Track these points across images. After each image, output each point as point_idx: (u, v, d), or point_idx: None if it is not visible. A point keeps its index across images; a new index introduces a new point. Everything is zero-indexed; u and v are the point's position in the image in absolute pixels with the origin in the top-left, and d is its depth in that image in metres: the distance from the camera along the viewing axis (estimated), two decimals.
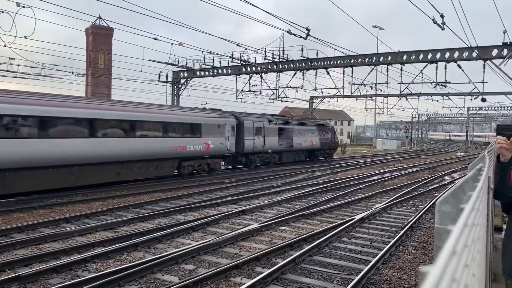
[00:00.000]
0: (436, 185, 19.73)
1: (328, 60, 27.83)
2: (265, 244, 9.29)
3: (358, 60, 26.86)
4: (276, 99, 33.82)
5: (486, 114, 72.20)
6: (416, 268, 7.94)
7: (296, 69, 29.05)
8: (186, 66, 30.91)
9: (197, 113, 22.36)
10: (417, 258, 8.59)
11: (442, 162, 35.58)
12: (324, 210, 13.19)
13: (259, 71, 30.26)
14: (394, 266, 7.99)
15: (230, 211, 12.59)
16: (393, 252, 8.89)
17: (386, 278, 7.34)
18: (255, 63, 28.88)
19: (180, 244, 9.17)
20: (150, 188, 17.45)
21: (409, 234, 10.48)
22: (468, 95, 32.41)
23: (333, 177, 22.92)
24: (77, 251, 8.42)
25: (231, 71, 31.08)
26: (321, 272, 7.53)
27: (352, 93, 33.28)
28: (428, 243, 9.66)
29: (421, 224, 11.72)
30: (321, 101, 41.19)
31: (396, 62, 25.80)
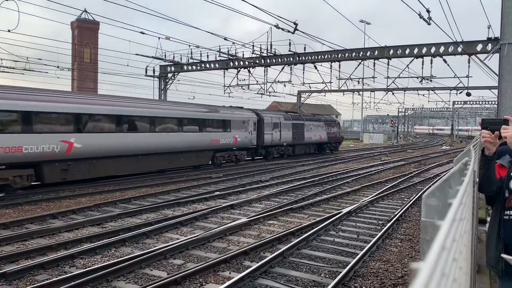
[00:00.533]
0: (422, 179, 19.98)
1: (316, 54, 27.90)
2: (254, 238, 9.33)
3: (346, 55, 26.97)
4: (264, 93, 33.86)
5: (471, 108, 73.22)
6: (403, 260, 8.06)
7: (284, 63, 29.06)
8: (173, 61, 30.72)
9: (227, 111, 25.63)
10: (404, 250, 8.71)
11: (427, 156, 36.00)
12: (312, 204, 13.28)
13: (247, 66, 30.21)
14: (381, 259, 8.09)
15: (218, 205, 12.60)
16: (379, 245, 9.00)
17: (373, 270, 7.43)
18: (242, 58, 28.82)
19: (169, 239, 9.16)
20: (137, 183, 17.36)
21: (395, 227, 10.62)
22: (453, 89, 32.81)
23: (320, 171, 23.06)
24: (64, 247, 8.36)
25: (218, 65, 30.97)
26: (309, 265, 7.60)
27: (340, 88, 33.47)
28: (414, 236, 9.80)
29: (407, 217, 11.87)
30: (309, 96, 41.33)
31: (383, 56, 25.98)
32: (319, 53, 27.75)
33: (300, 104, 41.55)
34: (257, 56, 27.85)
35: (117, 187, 16.13)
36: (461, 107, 68.41)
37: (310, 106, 58.75)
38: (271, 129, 28.48)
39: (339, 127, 40.21)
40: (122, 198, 13.77)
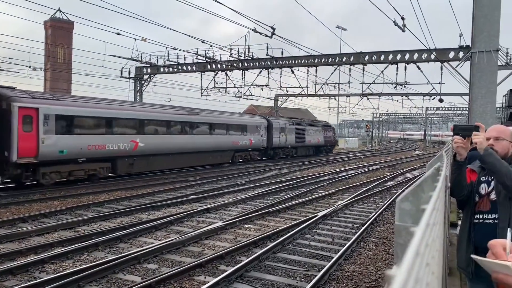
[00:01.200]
0: (395, 183, 20.33)
1: (293, 59, 28.10)
2: (229, 242, 9.29)
3: (322, 60, 27.26)
4: (241, 97, 33.85)
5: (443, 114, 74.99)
6: (377, 263, 8.16)
7: (261, 67, 29.15)
8: (149, 62, 30.38)
9: (244, 117, 30.68)
10: (378, 253, 8.83)
11: (401, 160, 36.68)
12: (288, 208, 13.33)
13: (224, 69, 30.16)
14: (355, 262, 8.18)
15: (194, 209, 12.50)
16: (354, 248, 9.10)
17: (348, 273, 7.50)
18: (220, 61, 28.77)
19: (143, 243, 9.03)
20: (111, 186, 17.07)
21: (369, 230, 10.76)
22: (426, 95, 33.57)
23: (296, 174, 23.19)
24: (34, 251, 8.13)
25: (195, 68, 30.82)
26: (284, 269, 7.61)
27: (316, 92, 33.74)
28: (388, 239, 9.95)
29: (381, 220, 12.04)
30: (286, 100, 41.56)
31: (358, 62, 26.36)
32: (296, 58, 27.96)
33: (277, 108, 41.72)
34: (234, 59, 27.84)
35: (90, 190, 15.81)
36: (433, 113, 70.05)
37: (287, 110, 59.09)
38: (278, 133, 32.63)
39: (334, 131, 45.15)
40: (96, 202, 13.51)
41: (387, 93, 36.17)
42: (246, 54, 27.02)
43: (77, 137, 16.62)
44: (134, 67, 31.99)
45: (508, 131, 3.44)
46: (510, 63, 19.19)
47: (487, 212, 3.30)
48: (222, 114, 27.57)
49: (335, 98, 43.83)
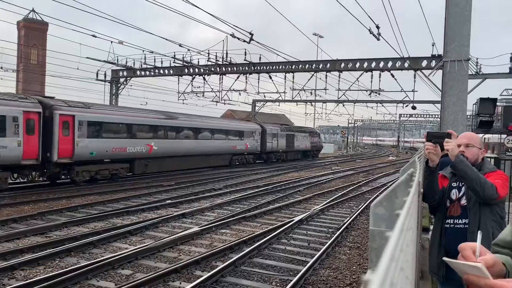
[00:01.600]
0: (370, 188, 20.64)
1: (271, 65, 28.24)
2: (205, 248, 9.24)
3: (299, 66, 27.49)
4: (219, 101, 33.77)
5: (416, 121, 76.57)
6: (351, 268, 8.26)
7: (239, 72, 29.17)
8: (126, 65, 30.01)
9: (241, 123, 33.13)
10: (352, 258, 8.94)
11: (375, 166, 37.26)
12: (264, 212, 13.35)
13: (202, 73, 30.05)
14: (330, 266, 8.25)
15: (169, 214, 12.38)
16: (329, 252, 9.18)
17: (323, 278, 7.56)
18: (198, 65, 28.66)
19: (117, 249, 8.88)
20: (85, 190, 16.74)
21: (344, 235, 10.88)
22: (400, 102, 34.26)
23: (273, 179, 23.26)
24: (4, 257, 7.88)
25: (173, 71, 30.60)
26: (260, 274, 7.61)
27: (293, 98, 33.99)
28: (362, 244, 10.08)
29: (355, 225, 12.20)
30: (263, 105, 41.70)
31: (334, 69, 26.69)
32: (273, 64, 28.11)
33: (254, 113, 41.81)
34: (212, 64, 27.80)
35: (63, 195, 15.47)
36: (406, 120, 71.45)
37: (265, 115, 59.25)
38: (271, 138, 35.36)
39: (319, 137, 48.73)
40: (69, 206, 13.23)
41: (362, 100, 36.79)
42: (224, 59, 27.01)
43: (104, 140, 19.05)
44: (110, 70, 31.51)
45: (478, 138, 3.56)
46: (480, 73, 19.81)
47: (458, 217, 3.39)
48: (223, 121, 32.08)
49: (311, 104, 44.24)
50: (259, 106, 41.87)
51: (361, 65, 25.33)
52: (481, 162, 3.45)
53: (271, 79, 29.68)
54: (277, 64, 28.00)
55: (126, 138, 20.31)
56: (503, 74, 20.48)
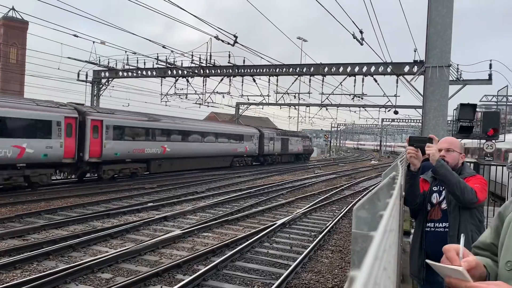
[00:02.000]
0: (352, 192, 20.80)
1: (255, 68, 28.29)
2: (187, 251, 9.16)
3: (283, 70, 27.61)
4: (202, 104, 33.66)
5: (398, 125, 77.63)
6: (333, 271, 8.29)
7: (223, 75, 29.15)
8: (108, 66, 29.68)
9: (242, 127, 35.96)
10: (334, 261, 8.97)
11: (357, 170, 37.59)
12: (247, 216, 13.32)
13: (185, 75, 29.92)
14: (312, 270, 8.27)
15: (151, 217, 12.25)
16: (311, 256, 9.20)
17: (305, 281, 7.57)
18: (181, 67, 28.53)
19: (97, 252, 8.74)
20: (65, 193, 16.47)
21: (326, 238, 10.92)
22: (382, 107, 34.63)
23: (256, 183, 23.25)
24: None
25: (156, 73, 30.39)
26: (242, 278, 7.58)
27: (277, 101, 34.11)
28: (344, 247, 10.14)
29: (338, 228, 12.26)
30: (247, 108, 41.68)
31: (318, 73, 26.90)
32: (257, 67, 28.16)
33: (238, 115, 41.79)
34: (196, 66, 27.70)
35: (42, 197, 15.18)
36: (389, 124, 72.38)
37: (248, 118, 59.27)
38: (268, 142, 38.13)
39: (311, 141, 53.03)
40: (47, 209, 12.98)
41: (345, 104, 37.03)
42: (208, 61, 26.95)
43: (126, 142, 21.43)
44: (91, 70, 31.13)
45: (458, 143, 3.62)
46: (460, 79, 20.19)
47: (438, 221, 3.43)
48: (226, 125, 35.59)
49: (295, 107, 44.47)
50: (242, 109, 41.86)
51: (345, 69, 25.57)
52: (461, 166, 3.50)
53: (255, 82, 29.74)
54: (261, 67, 28.07)
55: (144, 141, 22.89)
56: (483, 81, 20.92)
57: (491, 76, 20.73)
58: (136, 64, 29.08)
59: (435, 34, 12.40)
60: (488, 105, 30.61)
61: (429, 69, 12.60)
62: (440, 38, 12.43)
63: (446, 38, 12.44)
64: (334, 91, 29.53)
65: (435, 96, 12.76)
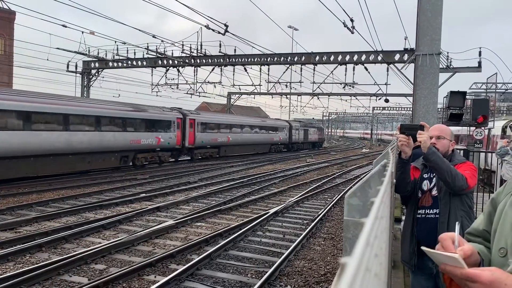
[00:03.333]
0: (343, 180, 20.93)
1: (246, 57, 28.16)
2: (180, 241, 9.19)
3: (274, 59, 27.52)
4: (193, 93, 33.52)
5: (388, 113, 78.00)
6: (326, 258, 8.37)
7: (214, 64, 28.99)
8: (97, 56, 29.36)
9: (277, 121, 45.55)
10: (326, 249, 9.06)
11: (349, 158, 37.79)
12: (240, 205, 13.36)
13: (176, 65, 29.72)
14: (305, 257, 8.35)
15: (144, 208, 12.25)
16: (304, 244, 9.28)
17: (298, 269, 7.64)
18: (172, 56, 28.32)
19: (90, 243, 8.73)
20: (57, 184, 16.37)
21: (319, 226, 11.01)
22: (373, 95, 34.78)
23: (249, 172, 23.29)
24: None
25: (146, 63, 30.15)
26: (236, 266, 7.63)
27: (268, 91, 34.06)
28: (336, 235, 10.23)
29: (330, 216, 12.36)
30: (239, 97, 41.61)
31: (309, 62, 26.85)
32: (249, 56, 28.04)
33: (230, 105, 41.68)
34: (187, 55, 27.50)
35: (34, 189, 15.09)
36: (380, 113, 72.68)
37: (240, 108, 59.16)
38: (295, 132, 46.19)
39: (323, 131, 61.58)
40: (39, 201, 12.91)
41: (336, 93, 37.13)
42: (199, 51, 26.77)
43: (207, 134, 29.96)
44: (81, 61, 30.82)
45: (449, 130, 3.65)
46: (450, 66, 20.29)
47: (429, 207, 3.48)
48: (265, 120, 45.32)
49: (286, 96, 44.50)
50: (234, 99, 41.79)
51: (336, 58, 25.55)
52: (451, 153, 3.54)
53: (246, 71, 29.64)
54: (252, 57, 27.94)
55: (216, 132, 31.19)
56: (472, 68, 21.05)
57: (481, 63, 20.87)
58: (126, 54, 28.80)
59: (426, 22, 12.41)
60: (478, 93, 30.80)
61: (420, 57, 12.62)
62: (430, 25, 12.43)
63: (437, 26, 12.45)
64: (325, 80, 29.54)
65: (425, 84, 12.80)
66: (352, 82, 28.86)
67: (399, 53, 22.72)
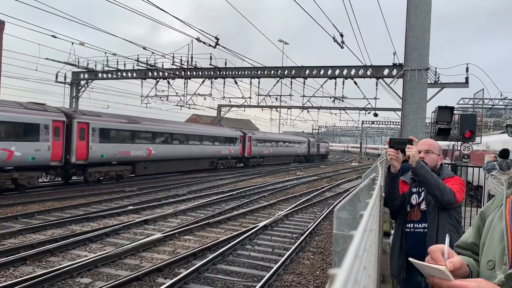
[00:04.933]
0: (333, 193, 20.94)
1: (236, 70, 28.24)
2: (168, 254, 9.08)
3: (265, 72, 27.65)
4: (183, 105, 33.45)
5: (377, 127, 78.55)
6: (315, 273, 8.33)
7: (204, 77, 29.02)
8: (87, 67, 29.24)
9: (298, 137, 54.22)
10: (316, 263, 9.01)
11: (338, 172, 37.90)
12: (229, 218, 13.28)
13: (166, 77, 29.70)
14: (294, 272, 8.29)
15: (131, 221, 12.10)
16: (293, 258, 9.22)
17: (287, 283, 7.58)
18: (162, 68, 28.31)
19: (76, 257, 8.58)
20: (43, 196, 16.14)
21: (308, 240, 10.97)
22: (362, 109, 35.06)
23: (238, 185, 23.21)
24: None
25: (136, 74, 30.07)
26: (224, 280, 7.55)
27: (259, 104, 34.15)
28: (326, 249, 10.19)
29: (319, 230, 12.33)
30: (229, 110, 41.64)
31: (299, 76, 27.02)
32: (239, 69, 28.13)
33: (220, 118, 41.69)
34: (177, 67, 27.52)
35: (19, 201, 14.85)
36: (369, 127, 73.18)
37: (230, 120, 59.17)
38: (312, 146, 56.54)
39: (329, 144, 73.56)
40: (25, 213, 12.70)
41: (326, 107, 37.36)
42: (189, 63, 26.81)
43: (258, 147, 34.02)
44: (70, 72, 30.62)
45: (437, 144, 3.68)
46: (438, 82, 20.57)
47: (418, 222, 3.48)
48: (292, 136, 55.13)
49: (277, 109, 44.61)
50: (224, 111, 41.81)
51: (325, 72, 25.74)
52: (439, 168, 3.57)
53: (237, 84, 29.72)
54: (243, 70, 28.04)
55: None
56: (460, 84, 21.35)
57: (468, 79, 21.18)
58: (116, 65, 28.72)
59: (414, 38, 12.62)
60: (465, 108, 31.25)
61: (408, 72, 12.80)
62: (418, 41, 12.65)
63: (425, 42, 12.67)
64: (315, 93, 29.72)
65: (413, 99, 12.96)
66: (341, 96, 29.07)
67: (388, 68, 22.97)
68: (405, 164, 3.44)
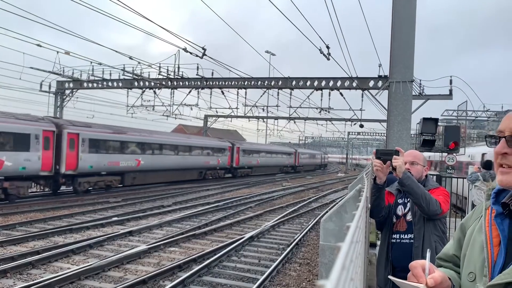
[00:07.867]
0: (319, 204, 20.97)
1: (223, 80, 28.29)
2: (153, 266, 8.95)
3: (252, 83, 27.74)
4: (170, 116, 33.31)
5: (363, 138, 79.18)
6: (301, 284, 8.28)
7: (191, 87, 28.98)
8: (72, 76, 28.99)
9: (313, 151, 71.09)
10: (302, 274, 8.97)
11: (324, 182, 38.02)
12: (215, 230, 13.18)
13: (152, 86, 29.59)
14: (280, 283, 8.23)
15: (115, 232, 11.92)
16: (279, 269, 9.17)
17: None
18: (148, 78, 28.21)
19: (58, 269, 8.41)
20: (24, 207, 15.83)
21: (294, 251, 10.93)
22: (348, 120, 35.25)
23: (224, 196, 23.10)
24: None
25: (122, 84, 29.89)
26: None
27: (245, 114, 34.20)
28: (312, 260, 10.16)
29: (306, 241, 12.30)
30: (216, 120, 41.56)
31: (286, 87, 27.17)
32: (226, 79, 28.18)
33: (206, 128, 41.60)
34: (163, 77, 27.45)
35: (0, 212, 14.53)
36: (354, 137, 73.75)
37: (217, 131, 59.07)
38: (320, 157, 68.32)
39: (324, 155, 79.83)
40: (5, 224, 12.43)
41: (313, 118, 37.50)
42: (176, 73, 26.76)
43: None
44: (55, 81, 30.32)
45: (422, 156, 3.71)
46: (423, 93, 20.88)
47: (404, 232, 3.49)
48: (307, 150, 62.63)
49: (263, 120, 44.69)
50: (211, 122, 41.71)
51: (312, 83, 25.94)
52: (424, 179, 3.59)
53: (224, 94, 29.74)
54: (230, 80, 28.09)
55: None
56: (444, 96, 21.71)
57: (452, 91, 21.55)
58: (102, 75, 28.53)
59: (399, 50, 12.80)
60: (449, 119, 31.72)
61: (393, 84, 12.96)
62: (403, 54, 12.84)
63: (409, 55, 12.87)
64: (302, 104, 29.89)
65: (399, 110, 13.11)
66: (328, 107, 29.27)
67: (374, 80, 23.25)
68: (390, 175, 3.46)
